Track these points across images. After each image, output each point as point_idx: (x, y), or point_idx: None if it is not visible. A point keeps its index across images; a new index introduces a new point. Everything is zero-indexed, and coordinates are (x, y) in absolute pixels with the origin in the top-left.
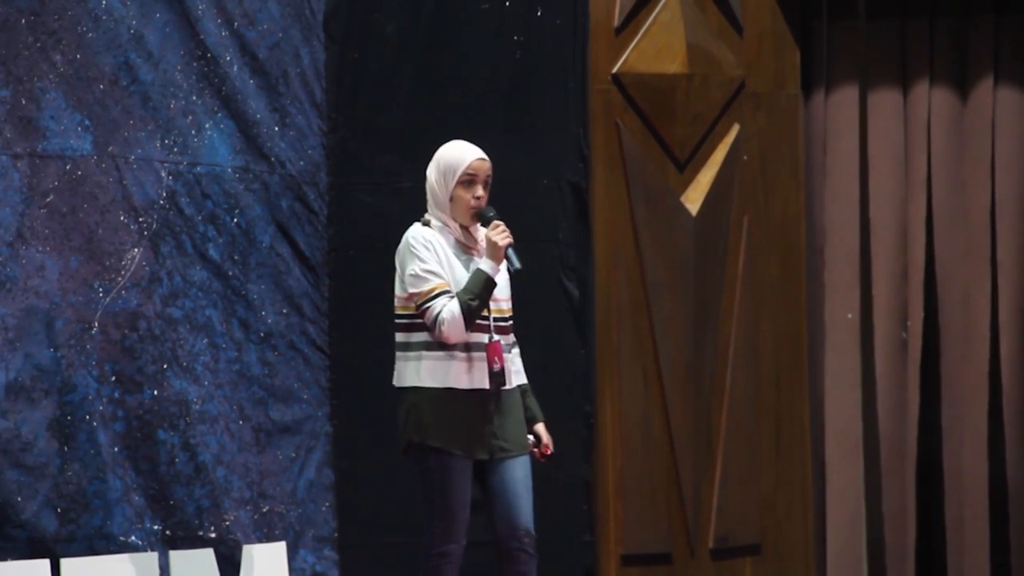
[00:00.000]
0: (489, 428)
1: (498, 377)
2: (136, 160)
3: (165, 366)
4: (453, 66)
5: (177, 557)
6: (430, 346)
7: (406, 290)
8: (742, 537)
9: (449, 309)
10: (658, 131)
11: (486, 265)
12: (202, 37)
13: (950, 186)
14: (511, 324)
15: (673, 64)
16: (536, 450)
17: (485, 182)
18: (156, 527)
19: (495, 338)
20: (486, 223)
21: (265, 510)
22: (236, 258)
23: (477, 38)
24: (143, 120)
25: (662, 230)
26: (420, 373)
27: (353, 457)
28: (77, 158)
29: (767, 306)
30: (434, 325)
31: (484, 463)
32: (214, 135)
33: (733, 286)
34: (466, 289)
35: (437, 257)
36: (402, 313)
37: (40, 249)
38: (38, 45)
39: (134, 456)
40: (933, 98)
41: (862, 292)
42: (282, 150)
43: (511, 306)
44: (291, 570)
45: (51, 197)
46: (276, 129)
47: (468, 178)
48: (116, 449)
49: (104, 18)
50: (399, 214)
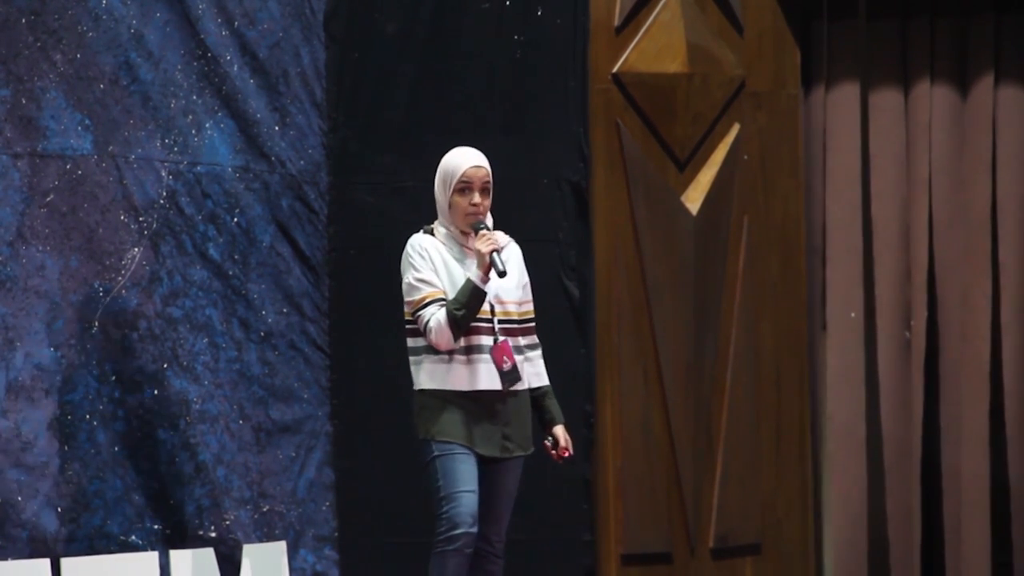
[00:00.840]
0: (496, 428)
1: (510, 375)
2: (136, 159)
3: (165, 365)
4: (453, 66)
5: (177, 557)
6: (430, 350)
7: (405, 298)
8: (742, 537)
9: (436, 318)
10: (658, 131)
11: (473, 274)
12: (202, 37)
13: (951, 185)
14: (526, 327)
15: (673, 64)
16: (554, 452)
17: (483, 188)
18: (156, 526)
19: (501, 339)
20: (475, 232)
21: (265, 510)
22: (236, 258)
23: (477, 38)
24: (143, 120)
25: (662, 230)
26: (422, 376)
27: (353, 457)
28: (77, 157)
29: (767, 306)
30: (425, 332)
31: (487, 464)
32: (214, 134)
33: (733, 286)
34: (455, 299)
35: (432, 265)
36: (408, 319)
37: (40, 248)
38: (38, 44)
39: (134, 456)
40: (934, 97)
41: (865, 292)
42: (282, 150)
43: (526, 309)
44: (291, 570)
45: (51, 196)
46: (276, 129)
47: (463, 185)
48: (116, 449)
49: (104, 18)
50: (399, 214)
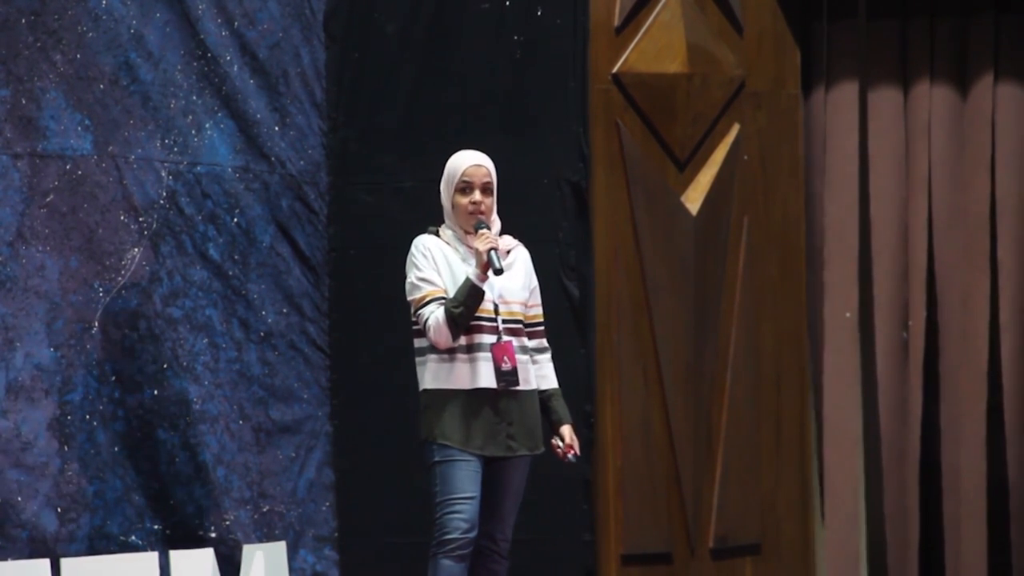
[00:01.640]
0: (501, 426)
1: (507, 376)
2: (136, 160)
3: (165, 366)
4: (453, 66)
5: (177, 557)
6: (434, 349)
7: (408, 298)
8: (742, 537)
9: (435, 316)
10: (658, 131)
11: (472, 273)
12: (202, 37)
13: (950, 185)
14: (533, 330)
15: (673, 64)
16: (559, 449)
17: (483, 187)
18: (156, 527)
19: (504, 339)
20: (477, 232)
21: (265, 510)
22: (236, 258)
23: (477, 38)
24: (143, 120)
25: (662, 230)
26: (427, 376)
27: (353, 457)
28: (77, 158)
29: (767, 306)
30: (424, 331)
31: (492, 463)
32: (214, 135)
33: (733, 286)
34: (453, 297)
35: (434, 264)
36: (413, 319)
37: (40, 249)
38: (38, 45)
39: (134, 456)
40: (933, 97)
41: (863, 292)
42: (282, 150)
43: (534, 312)
44: (291, 570)
45: (51, 197)
46: (276, 129)
47: (464, 184)
48: (116, 449)
49: (104, 18)
50: (399, 214)
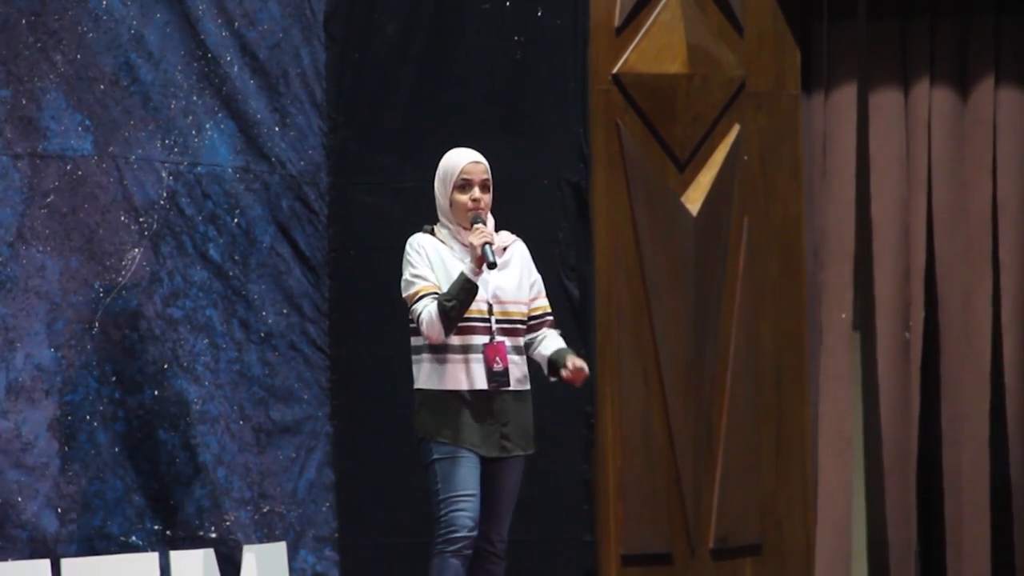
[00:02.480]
0: (494, 427)
1: (499, 377)
2: (136, 160)
3: (165, 366)
4: (453, 66)
5: (177, 557)
6: (428, 348)
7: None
8: (742, 537)
9: (428, 311)
10: (658, 131)
11: (466, 267)
12: (202, 37)
13: (951, 186)
14: (542, 320)
15: (673, 64)
16: (565, 371)
17: (482, 184)
18: (156, 527)
19: (497, 339)
20: (472, 227)
21: (265, 510)
22: (236, 258)
23: (477, 38)
24: (143, 120)
25: (662, 230)
26: (421, 375)
27: (353, 457)
28: (77, 158)
29: (767, 306)
30: (418, 326)
31: (487, 464)
32: (214, 135)
33: (733, 286)
34: (446, 291)
35: (428, 261)
36: (409, 318)
37: (40, 249)
38: (39, 45)
39: (134, 456)
40: (934, 98)
41: (864, 292)
42: (282, 150)
43: (536, 305)
44: (291, 570)
45: (51, 197)
46: (276, 129)
47: (463, 182)
48: (116, 449)
49: (104, 18)
50: (399, 214)
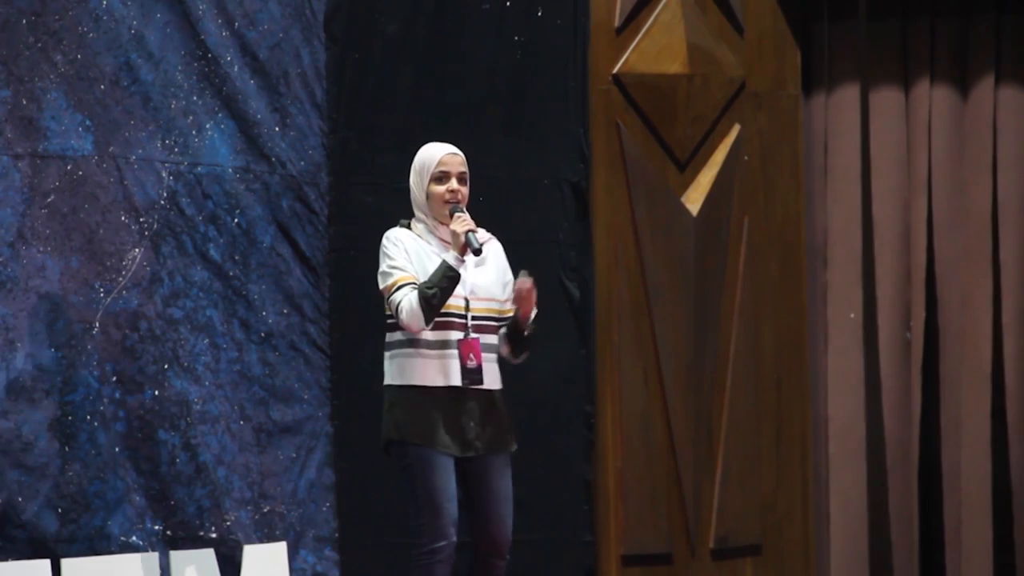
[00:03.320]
0: (467, 425)
1: (472, 374)
2: (137, 160)
3: (166, 366)
4: (453, 66)
5: (178, 557)
6: (403, 344)
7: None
8: (742, 537)
9: (408, 299)
10: (659, 131)
11: (449, 255)
12: (203, 37)
13: (951, 186)
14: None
15: (674, 64)
16: (521, 290)
17: (460, 177)
18: (157, 527)
19: (472, 336)
20: (452, 216)
21: (266, 510)
22: (237, 258)
23: (477, 38)
24: (144, 120)
25: (662, 230)
26: (394, 371)
27: (354, 457)
28: (78, 158)
29: (767, 306)
30: (397, 316)
31: (466, 464)
32: (215, 135)
33: (733, 286)
34: (427, 279)
35: (406, 254)
36: (386, 313)
37: (41, 249)
38: (39, 45)
39: (135, 456)
40: (934, 98)
41: (865, 292)
42: (283, 150)
43: (502, 307)
44: (292, 570)
45: (52, 197)
46: (277, 129)
47: (440, 174)
48: (117, 449)
49: (105, 18)
50: (399, 214)
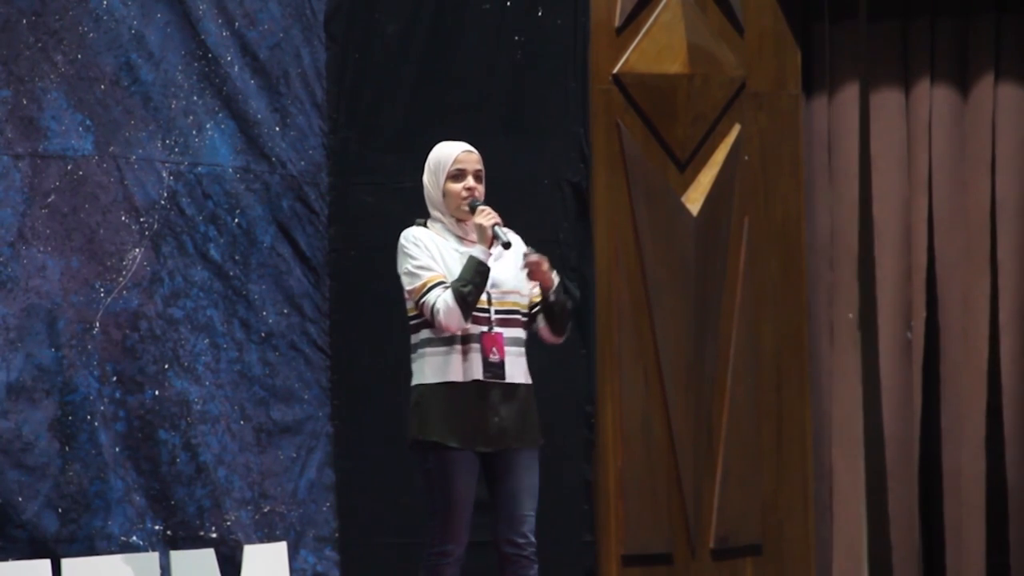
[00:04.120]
0: (493, 420)
1: (494, 368)
2: (137, 160)
3: (166, 366)
4: (453, 66)
5: (178, 557)
6: (431, 342)
7: (405, 289)
8: (743, 537)
9: (443, 299)
10: (659, 131)
11: (476, 250)
12: (203, 37)
13: (951, 185)
14: (527, 317)
15: (674, 64)
16: (530, 262)
17: (476, 174)
18: (157, 527)
19: (495, 330)
20: (473, 211)
21: (266, 510)
22: (237, 258)
23: (477, 38)
24: (144, 120)
25: (663, 230)
26: (424, 370)
27: (354, 457)
28: (78, 158)
29: (767, 306)
30: (432, 317)
31: (491, 461)
32: (215, 135)
33: (733, 286)
34: (459, 277)
35: (429, 252)
36: (410, 314)
37: (41, 249)
38: (39, 45)
39: (135, 456)
40: (934, 98)
41: (866, 292)
42: (283, 150)
43: (527, 300)
44: (292, 570)
45: (52, 197)
46: (277, 129)
47: (457, 171)
48: (117, 449)
49: (105, 18)
50: (399, 214)
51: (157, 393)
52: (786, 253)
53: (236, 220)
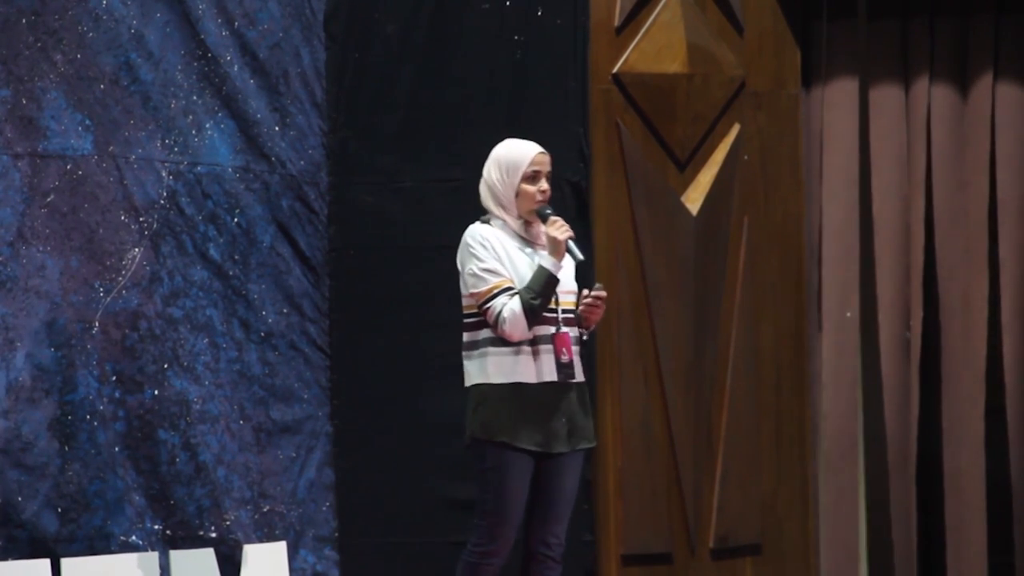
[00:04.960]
0: (560, 421)
1: (566, 369)
2: (137, 160)
3: (166, 366)
4: (453, 66)
5: (178, 557)
6: (496, 342)
7: (468, 290)
8: (743, 537)
9: (510, 308)
10: (659, 131)
11: (547, 262)
12: (202, 37)
13: (950, 185)
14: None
15: (674, 64)
16: (589, 299)
17: (548, 176)
18: (157, 527)
19: (563, 330)
20: (544, 219)
21: (266, 510)
22: (237, 258)
23: (477, 38)
24: (144, 120)
25: (662, 230)
26: (487, 369)
27: (353, 457)
28: (78, 158)
29: (767, 306)
30: (496, 323)
31: (544, 461)
32: (215, 135)
33: (733, 286)
34: (528, 287)
35: (496, 254)
36: (468, 312)
37: (41, 249)
38: (39, 45)
39: (135, 456)
40: (933, 97)
41: (865, 292)
42: (282, 150)
43: (575, 299)
44: (291, 570)
45: (52, 197)
46: (276, 129)
47: (533, 172)
48: (117, 449)
49: (105, 18)
50: (399, 214)
51: (156, 393)
52: (786, 253)
53: (236, 220)
